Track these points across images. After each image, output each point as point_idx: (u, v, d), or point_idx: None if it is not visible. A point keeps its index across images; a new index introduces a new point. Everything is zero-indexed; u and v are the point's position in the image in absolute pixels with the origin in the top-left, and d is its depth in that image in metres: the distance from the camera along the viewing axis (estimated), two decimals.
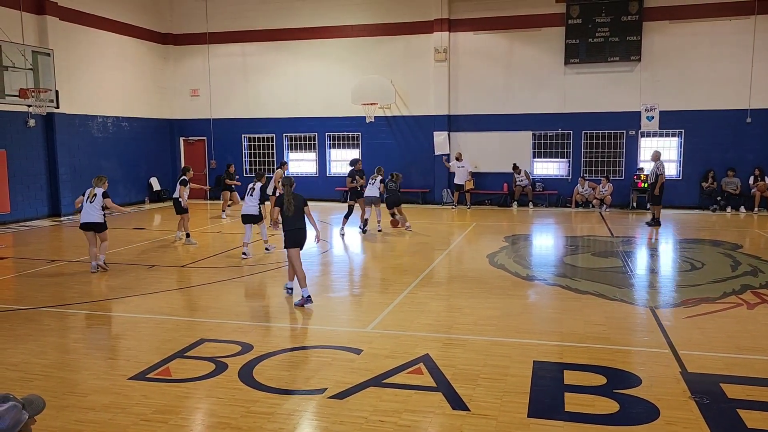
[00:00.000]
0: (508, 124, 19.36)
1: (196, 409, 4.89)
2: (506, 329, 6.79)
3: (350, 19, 20.10)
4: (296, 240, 8.07)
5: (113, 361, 5.92)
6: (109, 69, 19.11)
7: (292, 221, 8.02)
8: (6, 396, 2.08)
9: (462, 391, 5.03)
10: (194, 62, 21.70)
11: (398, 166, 20.25)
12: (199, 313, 7.69)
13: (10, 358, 5.99)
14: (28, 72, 14.21)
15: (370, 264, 10.76)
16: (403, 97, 20.02)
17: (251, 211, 11.44)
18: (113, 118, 19.41)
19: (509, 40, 19.19)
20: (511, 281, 9.14)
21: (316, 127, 20.97)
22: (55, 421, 4.54)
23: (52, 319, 7.45)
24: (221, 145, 21.68)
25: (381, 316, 7.35)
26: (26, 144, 16.26)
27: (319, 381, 5.30)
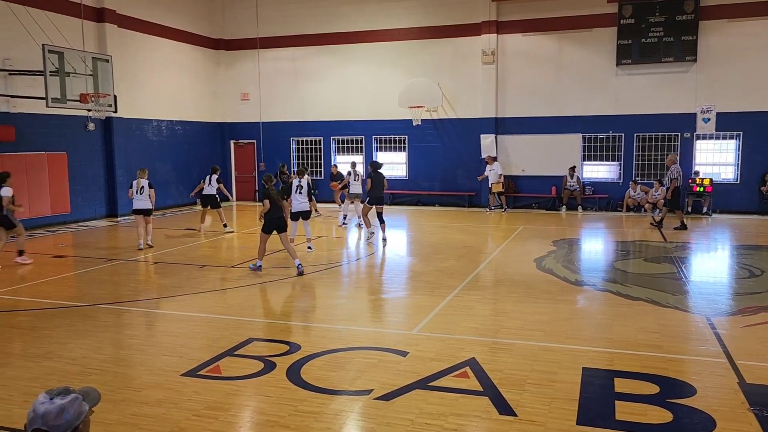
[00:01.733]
0: (557, 127, 19.06)
1: (245, 406, 4.99)
2: (554, 334, 6.68)
3: (398, 23, 20.16)
4: (279, 226, 9.89)
5: (166, 357, 6.09)
6: (164, 74, 19.71)
7: (274, 211, 9.82)
8: (67, 388, 2.16)
9: (509, 396, 4.98)
10: (245, 67, 22.16)
11: (444, 169, 20.24)
12: (248, 313, 7.84)
13: (70, 352, 6.24)
14: (89, 78, 14.78)
15: (416, 266, 10.75)
16: (450, 99, 19.95)
17: (304, 207, 11.71)
18: (167, 121, 20.01)
19: (558, 42, 18.90)
20: (559, 286, 8.99)
21: (364, 130, 21.10)
22: (111, 414, 4.70)
23: (109, 315, 7.73)
24: (270, 148, 22.05)
25: (427, 318, 7.34)
26: (85, 147, 16.92)
27: (365, 382, 5.33)
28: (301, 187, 11.75)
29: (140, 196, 12.28)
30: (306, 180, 11.99)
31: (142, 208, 12.29)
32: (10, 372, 5.69)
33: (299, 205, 11.75)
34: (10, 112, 14.60)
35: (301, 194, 11.75)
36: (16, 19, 14.24)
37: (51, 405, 2.08)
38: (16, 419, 4.67)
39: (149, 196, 12.33)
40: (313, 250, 11.86)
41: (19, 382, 5.45)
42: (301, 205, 11.77)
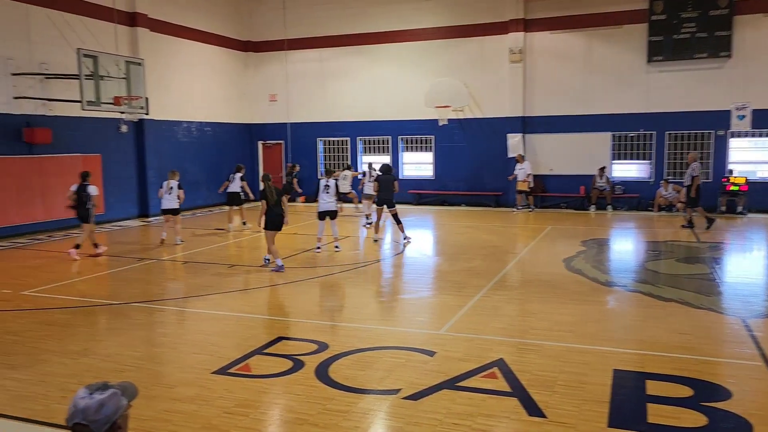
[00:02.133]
0: (586, 126, 18.83)
1: (274, 404, 5.05)
2: (584, 336, 6.61)
3: (424, 23, 20.14)
4: (276, 224, 10.20)
5: (197, 355, 6.19)
6: (194, 76, 20.00)
7: (275, 208, 10.10)
8: (106, 384, 2.21)
9: (538, 398, 4.95)
10: (272, 68, 22.36)
11: (471, 169, 20.15)
12: (277, 312, 7.92)
13: (104, 349, 6.39)
14: (121, 81, 15.09)
15: (443, 266, 10.74)
16: (477, 99, 19.86)
17: (331, 207, 11.81)
18: (197, 123, 20.30)
19: (587, 39, 18.67)
20: (588, 287, 8.89)
21: (390, 130, 21.12)
22: (145, 410, 4.80)
23: (142, 314, 7.88)
24: (298, 149, 22.22)
25: (454, 318, 7.32)
26: (119, 149, 17.27)
27: (392, 381, 5.35)
28: (328, 187, 11.86)
29: (169, 196, 12.90)
30: (334, 181, 12.08)
31: (169, 207, 12.93)
32: (48, 368, 5.84)
33: (326, 205, 11.86)
34: (47, 115, 14.97)
35: (328, 194, 11.85)
36: (53, 25, 14.61)
37: (90, 400, 2.13)
38: (54, 414, 4.80)
39: (177, 197, 12.88)
40: (340, 249, 11.94)
41: (57, 378, 5.60)
42: (329, 205, 11.88)
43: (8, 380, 5.56)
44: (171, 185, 12.92)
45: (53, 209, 15.20)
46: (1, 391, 5.30)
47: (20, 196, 14.37)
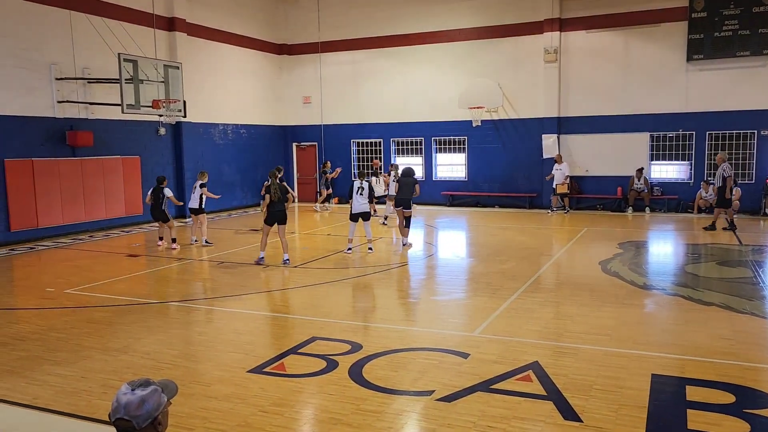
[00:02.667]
0: (623, 126, 18.50)
1: (308, 403, 5.10)
2: (621, 340, 6.50)
3: (458, 23, 20.07)
4: (280, 219, 10.78)
5: (233, 354, 6.28)
6: (230, 79, 20.31)
7: (278, 204, 10.68)
8: (147, 380, 2.27)
9: (574, 402, 4.88)
10: (306, 71, 22.56)
11: (504, 170, 19.98)
12: (311, 312, 7.98)
13: (144, 347, 6.53)
14: (160, 84, 15.41)
15: (476, 268, 10.67)
16: (511, 99, 19.69)
17: (364, 208, 11.89)
18: (233, 125, 20.60)
19: (625, 38, 18.34)
20: (626, 290, 8.73)
21: (423, 132, 21.10)
22: (182, 407, 4.89)
23: (179, 312, 8.04)
24: (331, 150, 22.36)
25: (488, 320, 7.28)
26: (157, 151, 17.64)
27: (426, 383, 5.35)
28: (362, 189, 11.94)
29: (193, 196, 13.32)
30: (368, 183, 12.17)
31: (191, 207, 13.33)
32: (90, 365, 6.01)
33: (359, 207, 11.94)
34: (89, 119, 15.40)
35: (361, 195, 11.92)
36: (95, 31, 15.01)
37: (133, 396, 2.18)
38: (96, 410, 4.93)
39: (200, 197, 13.13)
40: (373, 251, 11.98)
41: (99, 374, 5.75)
42: (362, 207, 11.95)
43: (53, 376, 5.73)
44: (196, 185, 13.29)
45: (95, 210, 15.63)
46: (46, 387, 5.47)
47: (63, 197, 14.80)
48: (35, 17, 14.11)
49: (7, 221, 13.65)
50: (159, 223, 13.08)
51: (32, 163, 14.08)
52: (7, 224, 13.67)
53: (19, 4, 13.76)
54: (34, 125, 14.18)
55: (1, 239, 13.55)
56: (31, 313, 8.13)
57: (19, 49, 13.80)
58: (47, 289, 9.40)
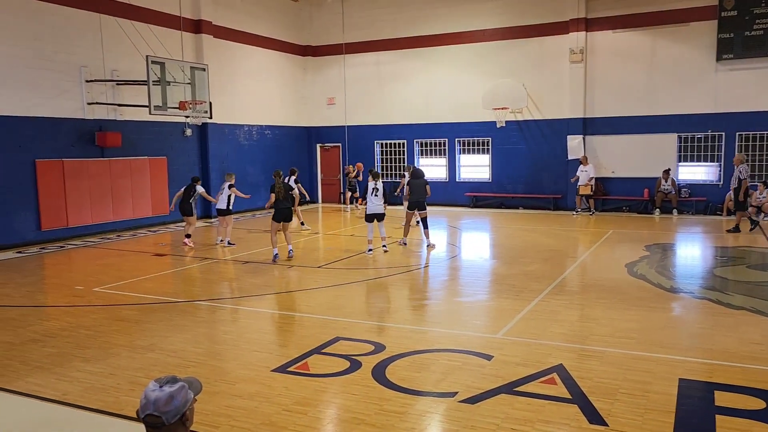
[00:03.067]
0: (650, 127, 18.24)
1: (332, 403, 5.12)
2: (648, 343, 6.41)
3: (482, 24, 19.99)
4: (285, 216, 11.47)
5: (257, 353, 6.34)
6: (255, 81, 20.50)
7: (282, 202, 11.30)
8: (174, 377, 2.30)
9: (599, 405, 4.83)
10: (331, 72, 22.66)
11: (529, 171, 19.84)
12: (334, 312, 8.02)
13: (170, 345, 6.63)
14: (187, 86, 15.62)
15: (500, 269, 10.61)
16: (536, 100, 19.54)
17: (379, 209, 11.96)
18: (257, 126, 20.79)
19: (652, 37, 18.08)
20: (652, 293, 8.61)
21: (447, 133, 21.05)
22: (208, 405, 4.96)
23: (204, 311, 8.14)
24: (355, 151, 22.43)
25: (512, 322, 7.24)
26: (183, 152, 17.88)
27: (449, 384, 5.34)
28: (376, 190, 12.04)
29: (221, 197, 13.48)
30: (382, 183, 12.26)
31: (219, 208, 13.52)
32: (118, 362, 6.11)
33: (375, 207, 12.06)
34: (118, 120, 15.68)
35: (377, 197, 12.02)
36: (124, 33, 15.27)
37: (161, 392, 2.22)
38: (123, 406, 5.02)
39: (228, 197, 13.34)
40: (388, 250, 12.03)
41: (126, 371, 5.85)
42: (377, 207, 12.07)
43: (82, 372, 5.84)
44: (223, 187, 13.49)
45: (122, 210, 15.89)
46: (76, 383, 5.58)
47: (92, 197, 15.08)
48: (66, 21, 14.41)
49: (38, 221, 13.96)
50: (184, 218, 13.32)
51: (62, 164, 14.38)
52: (38, 223, 13.97)
53: (50, 8, 14.07)
54: (65, 126, 14.48)
55: (33, 238, 13.86)
56: (61, 310, 8.30)
57: (50, 52, 14.10)
58: (76, 287, 9.59)
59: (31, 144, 13.78)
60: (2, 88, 13.20)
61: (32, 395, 5.34)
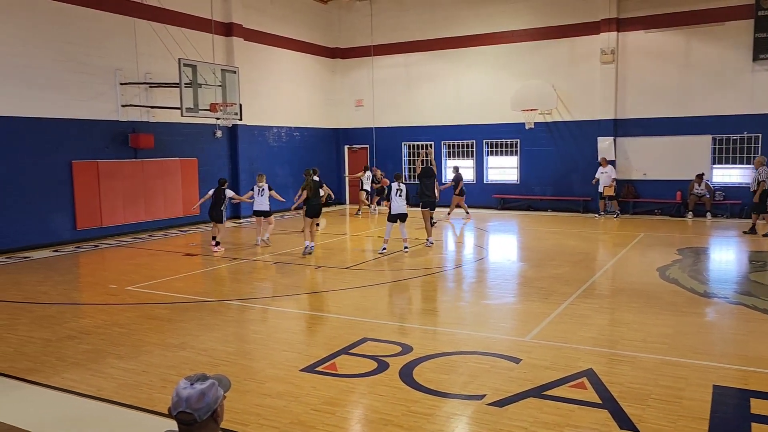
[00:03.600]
0: (683, 128, 17.90)
1: (359, 403, 5.14)
2: (680, 348, 6.30)
3: (511, 25, 19.86)
4: (315, 212, 12.15)
5: (286, 353, 6.40)
6: (284, 83, 20.69)
7: (313, 199, 12.02)
8: (204, 375, 2.34)
9: (630, 411, 4.76)
10: (359, 74, 22.76)
11: (558, 173, 19.64)
12: (362, 313, 8.05)
13: (201, 344, 6.73)
14: (217, 88, 15.84)
15: (528, 272, 10.52)
16: (565, 101, 19.34)
17: (402, 210, 12.03)
18: (286, 128, 20.97)
19: (686, 37, 17.75)
20: (685, 297, 8.45)
21: (475, 134, 20.96)
22: (237, 403, 5.02)
23: (234, 311, 8.24)
24: (383, 153, 22.48)
25: (541, 326, 7.18)
26: (213, 153, 18.13)
27: (477, 387, 5.32)
28: (400, 191, 12.14)
29: (260, 198, 13.47)
30: (405, 185, 12.42)
31: (261, 209, 13.51)
32: (151, 359, 6.23)
33: (398, 208, 12.16)
34: (150, 122, 15.97)
35: (400, 197, 12.12)
36: (157, 37, 15.56)
37: (192, 390, 2.26)
38: (156, 402, 5.11)
39: (268, 198, 13.53)
40: (408, 251, 12.05)
41: (158, 369, 5.96)
42: (401, 208, 12.24)
43: (116, 369, 5.97)
44: (262, 187, 13.52)
45: (154, 210, 16.17)
46: (110, 379, 5.70)
47: (125, 198, 15.39)
48: (101, 24, 14.74)
49: (73, 220, 14.30)
50: (213, 224, 13.15)
51: (97, 165, 14.70)
52: (74, 223, 14.31)
53: (87, 13, 14.41)
54: (100, 128, 14.81)
55: (69, 237, 14.20)
56: (96, 308, 8.49)
57: (87, 55, 14.44)
58: (110, 285, 9.80)
59: (68, 145, 14.13)
60: (41, 91, 13.56)
61: (69, 390, 5.47)
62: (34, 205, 13.49)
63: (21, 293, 9.38)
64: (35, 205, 13.52)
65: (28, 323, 7.67)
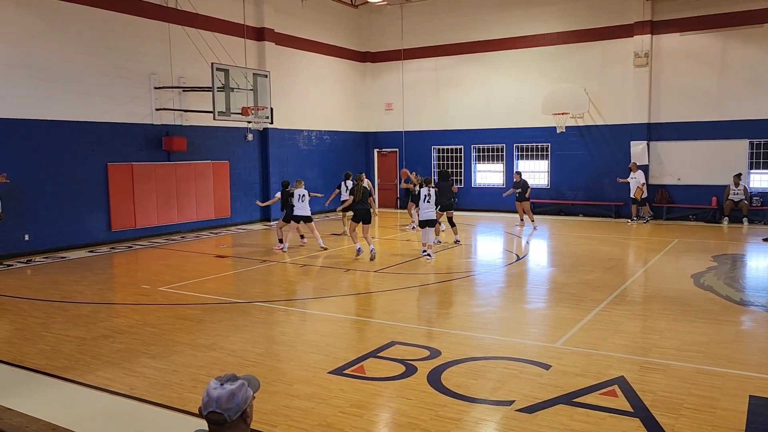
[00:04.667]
0: (719, 132, 17.50)
1: (387, 407, 5.14)
2: (716, 357, 6.15)
3: (543, 28, 19.69)
4: (364, 217, 12.19)
5: (314, 355, 6.44)
6: (315, 86, 20.85)
7: (361, 204, 12.18)
8: (234, 375, 2.37)
9: (663, 420, 4.67)
10: (389, 78, 22.80)
11: (589, 177, 19.38)
12: (390, 316, 8.05)
13: (230, 344, 6.81)
14: (249, 92, 16.04)
15: (558, 278, 10.40)
16: (597, 105, 19.08)
17: (431, 216, 12.00)
18: (316, 131, 21.13)
19: (723, 40, 17.37)
20: (720, 305, 8.25)
21: (504, 138, 20.81)
22: (266, 404, 5.07)
23: (263, 312, 8.32)
24: (412, 157, 22.47)
25: (571, 332, 7.08)
26: (244, 156, 18.36)
27: (506, 393, 5.27)
28: (429, 196, 12.02)
29: (301, 204, 13.28)
30: (434, 190, 12.30)
31: (302, 215, 13.29)
32: (181, 359, 6.33)
33: (427, 214, 12.07)
34: (183, 125, 16.25)
35: (428, 203, 12.00)
36: (190, 42, 15.84)
37: (222, 390, 2.29)
38: (186, 402, 5.19)
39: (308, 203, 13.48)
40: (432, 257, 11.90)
41: (189, 368, 6.05)
42: (429, 214, 12.12)
43: (148, 368, 6.08)
44: (302, 194, 13.28)
45: (186, 212, 16.43)
46: (142, 378, 5.81)
47: (158, 200, 15.68)
48: (137, 30, 15.06)
49: (108, 221, 14.61)
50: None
51: (132, 167, 15.01)
52: (109, 224, 14.63)
53: (123, 19, 14.74)
54: (135, 131, 15.12)
55: (104, 238, 14.52)
56: (129, 308, 8.66)
57: (123, 60, 14.77)
58: (143, 286, 9.99)
59: (104, 148, 14.46)
60: (79, 96, 13.91)
61: (103, 389, 5.59)
62: (71, 207, 13.84)
63: (58, 292, 9.63)
64: (72, 206, 13.87)
65: (64, 322, 7.87)
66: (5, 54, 12.60)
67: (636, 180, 17.57)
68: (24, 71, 12.92)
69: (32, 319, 8.03)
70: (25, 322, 7.90)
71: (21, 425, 3.13)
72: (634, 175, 17.64)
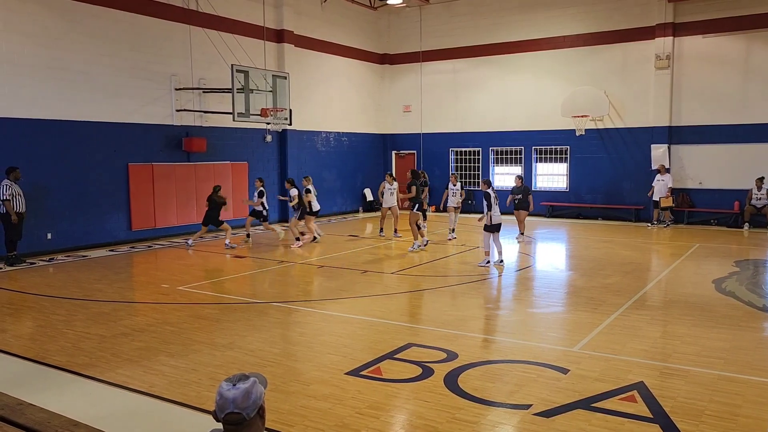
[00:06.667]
0: (742, 136, 17.25)
1: (404, 409, 5.14)
2: (738, 364, 6.06)
3: (562, 30, 19.57)
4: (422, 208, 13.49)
5: (331, 356, 6.45)
6: (333, 88, 20.92)
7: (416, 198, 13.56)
8: (244, 374, 2.37)
9: (683, 427, 4.61)
10: (407, 80, 22.81)
11: (609, 181, 19.21)
12: (407, 318, 8.04)
13: (248, 344, 6.85)
14: (268, 94, 16.14)
15: (577, 281, 10.32)
16: (618, 108, 18.91)
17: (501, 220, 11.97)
18: (335, 133, 21.19)
19: (747, 42, 17.12)
20: (743, 311, 8.13)
21: (523, 141, 20.70)
22: (283, 404, 5.09)
23: (280, 313, 8.36)
24: (429, 159, 22.44)
25: (589, 336, 7.02)
26: (263, 157, 18.47)
27: (523, 396, 5.24)
28: (497, 198, 11.77)
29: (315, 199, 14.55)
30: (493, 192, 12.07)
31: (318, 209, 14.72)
32: (199, 358, 6.38)
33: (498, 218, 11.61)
34: (203, 126, 16.40)
35: (497, 206, 11.62)
36: (211, 44, 15.99)
37: (237, 390, 2.29)
38: (204, 400, 5.23)
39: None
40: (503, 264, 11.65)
41: (207, 367, 6.10)
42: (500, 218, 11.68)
43: (167, 366, 6.14)
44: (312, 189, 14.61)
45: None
46: (161, 376, 5.87)
47: (178, 200, 15.83)
48: (159, 32, 15.24)
49: (129, 221, 14.79)
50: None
51: (152, 168, 15.18)
52: (129, 224, 14.80)
53: (145, 21, 14.92)
54: (155, 132, 15.29)
55: (124, 238, 14.69)
56: (149, 306, 8.76)
57: (146, 62, 14.95)
58: (162, 285, 10.09)
59: (125, 149, 14.64)
60: (102, 97, 14.10)
61: (122, 386, 5.66)
62: (92, 207, 14.03)
63: (80, 290, 9.76)
64: (94, 206, 14.06)
65: (84, 319, 7.97)
66: (31, 56, 12.82)
67: (664, 183, 17.31)
68: (48, 72, 13.12)
69: (54, 317, 8.15)
70: (47, 320, 8.03)
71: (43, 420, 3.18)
72: (661, 177, 17.41)
